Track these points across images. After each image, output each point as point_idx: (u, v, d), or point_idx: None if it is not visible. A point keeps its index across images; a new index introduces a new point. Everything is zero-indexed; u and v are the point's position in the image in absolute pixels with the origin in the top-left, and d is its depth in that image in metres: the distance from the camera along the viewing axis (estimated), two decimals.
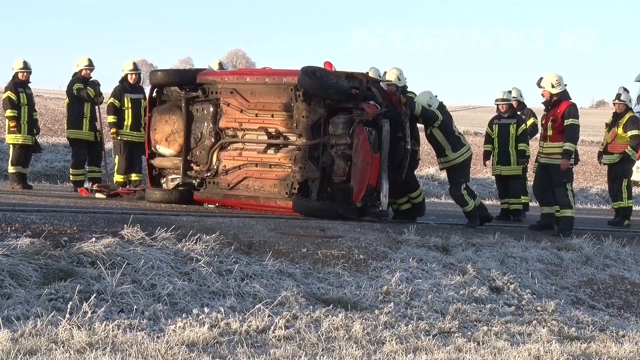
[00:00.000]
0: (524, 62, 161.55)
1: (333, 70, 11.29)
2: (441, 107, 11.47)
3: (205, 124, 11.75)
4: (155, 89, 12.18)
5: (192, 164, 11.90)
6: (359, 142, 10.49)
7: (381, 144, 10.65)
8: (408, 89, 11.81)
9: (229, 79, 11.63)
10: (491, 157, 13.60)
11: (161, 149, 12.14)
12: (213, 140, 11.70)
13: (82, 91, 13.38)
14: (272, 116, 11.22)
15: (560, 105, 11.42)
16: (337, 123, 10.71)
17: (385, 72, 11.65)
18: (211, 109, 11.67)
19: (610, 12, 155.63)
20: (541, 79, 11.75)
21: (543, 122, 12.05)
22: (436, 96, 11.50)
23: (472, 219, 11.59)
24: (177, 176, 11.99)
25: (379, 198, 10.79)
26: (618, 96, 14.02)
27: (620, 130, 13.87)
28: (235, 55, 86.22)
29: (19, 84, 13.52)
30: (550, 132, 11.53)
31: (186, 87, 11.87)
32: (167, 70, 12.31)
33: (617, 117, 14.03)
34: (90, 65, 13.62)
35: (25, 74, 13.53)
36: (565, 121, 11.30)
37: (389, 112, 10.92)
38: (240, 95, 11.41)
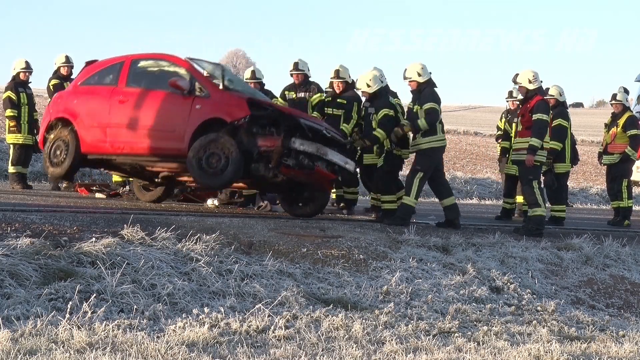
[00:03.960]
0: (524, 62, 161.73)
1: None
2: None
3: None
4: None
5: None
6: (294, 173, 10.02)
7: (309, 155, 10.08)
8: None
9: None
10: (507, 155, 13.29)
11: None
12: None
13: (57, 87, 13.33)
14: None
15: (532, 100, 11.26)
16: (257, 168, 9.93)
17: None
18: None
19: (610, 12, 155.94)
20: (517, 75, 11.71)
21: (516, 119, 11.92)
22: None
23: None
24: None
25: (344, 169, 10.67)
26: (614, 96, 14.04)
27: (619, 131, 13.87)
28: (235, 55, 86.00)
29: (19, 84, 13.53)
30: (519, 128, 11.46)
31: None
32: None
33: (615, 117, 14.03)
34: (68, 62, 13.65)
35: (26, 74, 13.55)
36: (534, 116, 11.14)
37: (281, 118, 9.96)
38: None
